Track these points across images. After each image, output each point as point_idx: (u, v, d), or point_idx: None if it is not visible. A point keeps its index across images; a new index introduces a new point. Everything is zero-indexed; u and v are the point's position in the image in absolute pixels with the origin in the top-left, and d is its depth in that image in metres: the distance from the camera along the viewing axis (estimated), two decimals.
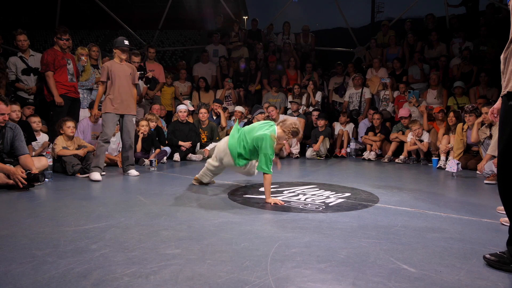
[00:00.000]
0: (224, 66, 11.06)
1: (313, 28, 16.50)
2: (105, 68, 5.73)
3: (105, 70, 5.72)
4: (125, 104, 5.80)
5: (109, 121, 5.70)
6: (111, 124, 5.73)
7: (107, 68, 5.71)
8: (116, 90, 5.71)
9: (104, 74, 5.72)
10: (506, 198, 2.38)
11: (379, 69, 10.38)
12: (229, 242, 2.72)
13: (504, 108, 2.39)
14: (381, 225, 3.22)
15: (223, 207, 3.85)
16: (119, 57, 5.80)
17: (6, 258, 2.39)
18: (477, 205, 4.15)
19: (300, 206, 3.92)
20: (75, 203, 3.95)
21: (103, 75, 5.74)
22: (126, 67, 5.86)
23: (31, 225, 3.11)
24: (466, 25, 11.08)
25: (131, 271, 2.19)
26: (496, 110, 2.66)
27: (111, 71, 5.70)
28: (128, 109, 5.88)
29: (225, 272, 2.19)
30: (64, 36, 7.00)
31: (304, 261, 2.38)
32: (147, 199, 4.18)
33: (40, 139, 6.88)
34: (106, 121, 5.71)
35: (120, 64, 5.81)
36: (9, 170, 4.56)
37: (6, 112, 4.74)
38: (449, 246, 2.70)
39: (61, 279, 2.08)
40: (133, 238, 2.79)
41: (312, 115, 9.35)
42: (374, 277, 2.15)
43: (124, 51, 5.84)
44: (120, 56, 5.80)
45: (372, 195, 4.53)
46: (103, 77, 5.73)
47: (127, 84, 5.83)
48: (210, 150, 8.28)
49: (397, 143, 8.32)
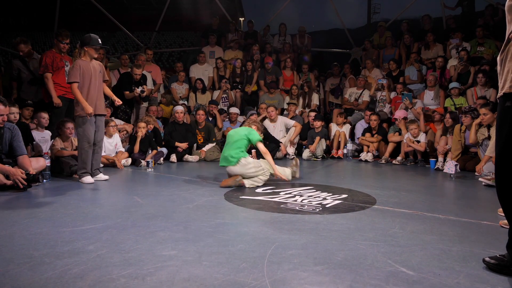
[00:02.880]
0: (221, 68, 11.07)
1: (309, 29, 16.52)
2: (77, 67, 5.33)
3: (77, 70, 5.32)
4: (98, 105, 5.52)
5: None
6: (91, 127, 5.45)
7: (79, 68, 5.32)
8: (91, 90, 5.44)
9: (77, 73, 5.31)
10: (505, 200, 2.37)
11: (372, 69, 10.40)
12: (226, 243, 2.72)
13: (501, 109, 2.39)
14: (378, 227, 3.22)
15: (220, 209, 3.84)
16: (90, 56, 5.44)
17: (4, 258, 2.39)
18: (476, 207, 4.15)
19: (297, 208, 3.91)
20: (73, 204, 3.95)
21: (76, 75, 5.30)
22: (96, 65, 5.54)
23: (28, 226, 3.11)
24: (463, 26, 11.11)
25: (128, 272, 2.19)
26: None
27: (83, 71, 5.34)
28: (101, 109, 5.62)
29: (221, 274, 2.18)
30: (65, 40, 7.05)
31: (301, 263, 2.37)
32: (143, 200, 4.17)
33: (45, 135, 6.79)
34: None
35: (90, 62, 5.46)
36: (9, 171, 4.56)
37: (4, 113, 4.75)
38: (447, 248, 2.70)
39: (58, 280, 2.08)
40: (130, 239, 2.78)
41: (309, 116, 9.36)
42: (372, 280, 2.15)
43: (97, 50, 5.57)
44: (92, 55, 5.46)
45: (369, 197, 4.52)
46: (77, 77, 5.30)
47: (99, 84, 5.57)
48: (206, 151, 8.28)
49: (394, 144, 8.31)
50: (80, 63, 5.34)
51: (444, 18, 12.13)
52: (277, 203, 4.13)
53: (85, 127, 5.35)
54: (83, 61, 5.39)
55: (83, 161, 5.41)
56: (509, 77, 2.34)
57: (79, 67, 5.30)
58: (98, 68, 5.52)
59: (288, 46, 11.67)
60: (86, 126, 5.35)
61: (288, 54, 11.44)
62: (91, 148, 5.45)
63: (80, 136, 5.39)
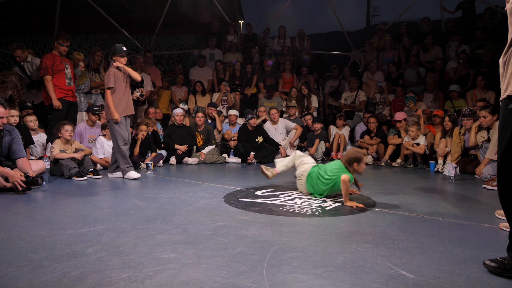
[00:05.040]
0: (220, 70, 11.07)
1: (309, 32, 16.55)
2: (112, 74, 5.85)
3: (112, 76, 5.84)
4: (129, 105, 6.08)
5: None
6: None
7: (113, 74, 5.85)
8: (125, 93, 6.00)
9: (111, 79, 5.83)
10: (506, 202, 2.36)
11: (375, 72, 10.41)
12: (225, 246, 2.71)
13: (504, 112, 2.38)
14: (378, 230, 3.21)
15: (219, 211, 3.83)
16: (120, 63, 5.94)
17: (3, 261, 2.39)
18: (476, 209, 4.14)
19: (297, 210, 3.91)
20: (72, 207, 3.94)
21: (111, 81, 5.84)
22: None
23: (28, 228, 3.10)
24: (462, 28, 11.13)
25: (127, 275, 2.18)
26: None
27: (116, 77, 5.86)
28: (131, 110, 6.18)
29: (221, 277, 2.18)
30: (65, 43, 7.09)
31: (300, 266, 2.36)
32: (143, 202, 4.17)
33: (39, 138, 6.82)
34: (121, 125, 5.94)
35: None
36: (8, 173, 4.56)
37: (4, 116, 4.75)
38: (447, 251, 2.69)
39: (57, 283, 2.08)
40: (129, 242, 2.78)
41: (306, 120, 9.37)
42: (372, 283, 2.14)
43: (124, 57, 5.97)
44: (121, 62, 5.94)
45: (369, 199, 4.51)
46: (111, 82, 5.84)
47: (127, 86, 6.06)
48: (206, 153, 8.27)
49: (393, 146, 8.31)
50: (114, 71, 5.88)
51: (443, 21, 12.15)
52: (277, 205, 4.12)
53: (120, 128, 5.90)
54: (114, 68, 5.91)
55: (124, 157, 5.95)
56: None
57: (113, 74, 5.85)
58: (122, 72, 6.00)
59: (288, 49, 11.69)
60: (120, 128, 5.90)
61: (287, 56, 11.46)
62: (127, 145, 6.04)
63: (116, 137, 5.91)
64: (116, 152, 5.98)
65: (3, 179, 4.58)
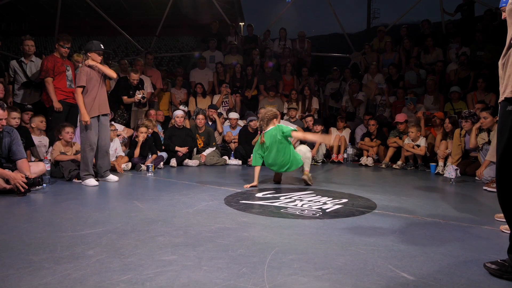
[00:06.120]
0: (221, 72, 11.07)
1: (309, 34, 16.56)
2: (84, 72, 5.52)
3: (83, 75, 5.51)
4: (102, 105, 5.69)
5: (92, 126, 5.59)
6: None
7: (85, 73, 5.52)
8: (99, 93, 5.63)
9: (83, 78, 5.50)
10: (506, 204, 2.36)
11: (375, 74, 10.41)
12: (226, 248, 2.71)
13: (502, 114, 2.38)
14: (379, 232, 3.21)
15: (220, 213, 3.83)
16: (93, 61, 5.61)
17: (3, 263, 2.39)
18: (476, 211, 4.14)
19: (297, 212, 3.91)
20: (72, 208, 3.94)
21: (82, 80, 5.49)
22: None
23: (28, 230, 3.10)
24: (463, 30, 11.13)
25: (127, 278, 2.18)
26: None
27: (90, 76, 5.54)
28: (105, 109, 5.77)
29: (221, 279, 2.18)
30: (66, 44, 7.07)
31: (301, 268, 2.36)
32: (143, 204, 4.16)
33: (42, 139, 6.81)
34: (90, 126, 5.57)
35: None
36: (9, 175, 4.55)
37: (3, 117, 4.74)
38: (448, 253, 2.69)
39: (57, 285, 2.08)
40: (130, 244, 2.78)
41: (307, 121, 9.37)
42: (373, 285, 2.14)
43: (101, 55, 5.68)
44: (96, 60, 5.61)
45: (370, 201, 4.51)
46: (83, 81, 5.50)
47: (101, 85, 5.70)
48: (206, 155, 8.27)
49: (394, 148, 8.31)
50: (86, 69, 5.55)
51: (443, 23, 12.16)
52: (277, 207, 4.12)
53: (88, 131, 5.53)
54: (87, 66, 5.57)
55: (86, 164, 5.56)
56: (510, 82, 2.34)
57: (85, 72, 5.51)
58: (96, 71, 5.66)
59: (288, 51, 11.69)
60: (88, 130, 5.53)
61: (288, 58, 11.46)
62: (93, 151, 5.61)
63: (83, 140, 5.58)
64: (81, 155, 5.65)
65: (3, 181, 4.57)
